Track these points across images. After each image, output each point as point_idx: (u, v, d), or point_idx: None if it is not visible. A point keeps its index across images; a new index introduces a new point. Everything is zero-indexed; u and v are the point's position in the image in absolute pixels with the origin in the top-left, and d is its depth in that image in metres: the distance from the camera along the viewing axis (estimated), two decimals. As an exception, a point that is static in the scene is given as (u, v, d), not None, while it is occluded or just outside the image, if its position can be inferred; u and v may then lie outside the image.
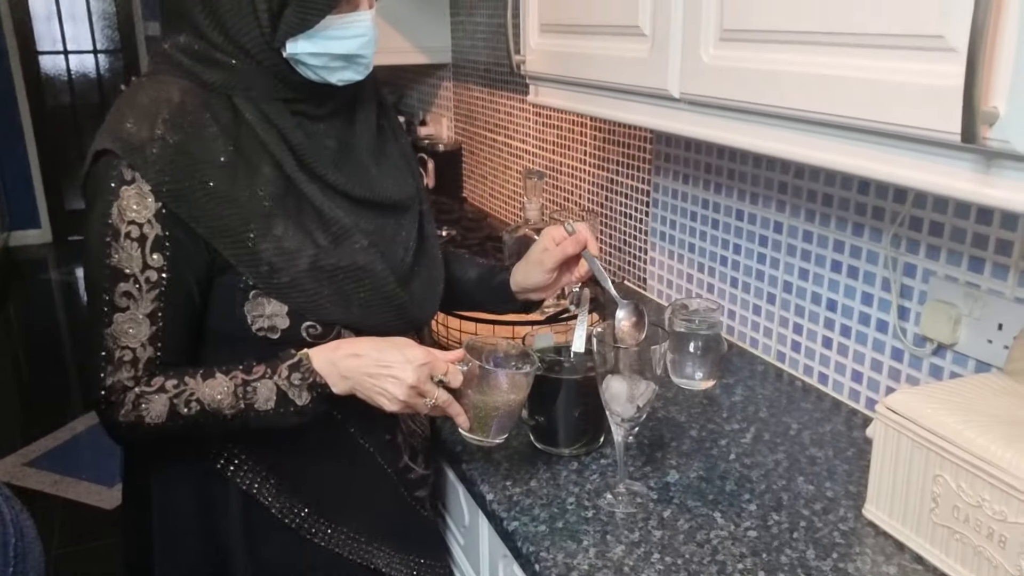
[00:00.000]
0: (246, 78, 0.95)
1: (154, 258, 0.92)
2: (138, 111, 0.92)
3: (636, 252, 1.81)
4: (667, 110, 1.11)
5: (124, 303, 0.92)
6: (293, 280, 0.95)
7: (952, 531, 0.87)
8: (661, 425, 1.23)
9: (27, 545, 0.59)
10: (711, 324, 1.32)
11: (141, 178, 0.90)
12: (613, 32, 1.19)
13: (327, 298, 0.97)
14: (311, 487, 1.06)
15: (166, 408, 0.93)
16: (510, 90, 2.24)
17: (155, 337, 0.94)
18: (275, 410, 0.94)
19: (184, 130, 0.91)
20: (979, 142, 0.67)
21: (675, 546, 0.95)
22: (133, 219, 0.91)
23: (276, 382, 0.93)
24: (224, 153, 0.93)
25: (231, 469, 1.02)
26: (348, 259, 0.98)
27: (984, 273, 1.06)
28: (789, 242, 1.37)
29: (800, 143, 0.89)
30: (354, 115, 1.05)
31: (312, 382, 0.93)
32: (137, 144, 0.90)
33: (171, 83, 0.95)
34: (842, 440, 1.19)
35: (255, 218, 0.93)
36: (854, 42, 0.80)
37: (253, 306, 0.96)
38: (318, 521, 1.06)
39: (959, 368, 1.12)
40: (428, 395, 0.94)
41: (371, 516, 1.10)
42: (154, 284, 0.92)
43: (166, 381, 0.94)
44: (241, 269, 0.94)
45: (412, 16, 2.45)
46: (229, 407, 0.94)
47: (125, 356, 0.93)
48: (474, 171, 2.60)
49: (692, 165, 1.58)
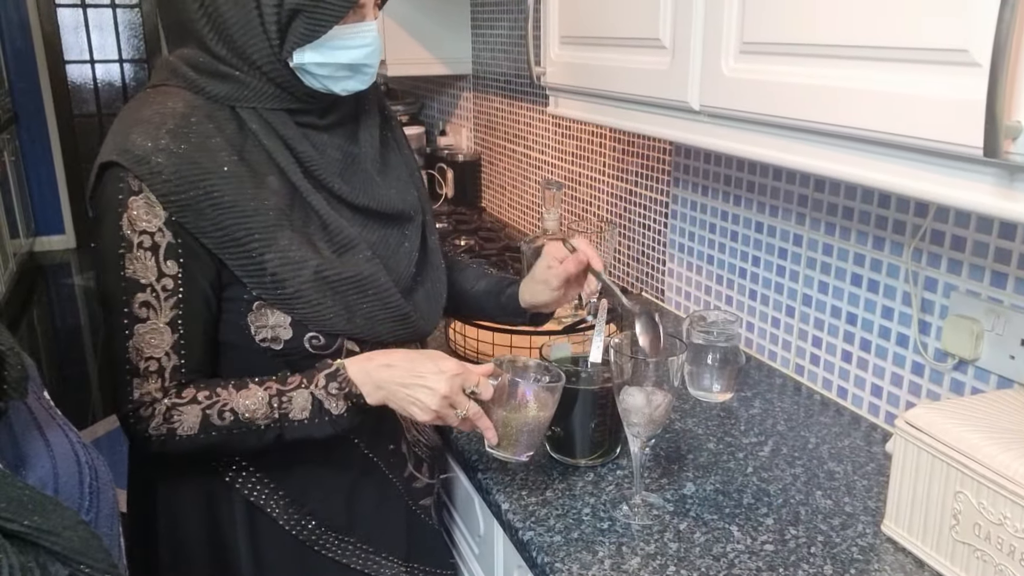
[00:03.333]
0: (251, 90, 0.95)
1: (168, 265, 0.92)
2: (143, 123, 0.92)
3: (654, 263, 1.80)
4: (687, 122, 1.11)
5: (144, 313, 0.92)
6: (297, 291, 0.94)
7: (973, 548, 0.86)
8: (678, 437, 1.23)
9: (102, 485, 0.64)
10: (729, 336, 1.32)
11: (148, 188, 0.89)
12: (633, 44, 1.19)
13: (330, 309, 0.96)
14: (318, 499, 1.05)
15: (199, 419, 0.93)
16: (530, 101, 2.25)
17: (177, 345, 0.94)
18: (310, 420, 0.94)
19: (189, 140, 0.91)
20: (1001, 156, 0.66)
21: (691, 559, 0.95)
22: (144, 228, 0.90)
23: (312, 391, 0.94)
24: (229, 163, 0.93)
25: (239, 481, 1.02)
26: (352, 270, 0.98)
27: (1007, 288, 1.05)
28: (809, 255, 1.37)
29: (821, 156, 0.89)
30: (358, 127, 1.06)
31: (348, 391, 0.94)
32: (142, 155, 0.89)
33: (175, 95, 0.95)
34: (861, 455, 1.18)
35: (260, 228, 0.93)
36: (876, 55, 0.79)
37: (257, 317, 0.95)
38: (325, 533, 1.06)
39: (981, 384, 1.11)
40: (460, 406, 0.95)
41: (378, 526, 1.10)
42: (171, 292, 0.92)
43: (198, 392, 0.94)
44: (245, 280, 0.94)
45: (433, 28, 2.47)
46: (264, 417, 0.94)
47: (151, 367, 0.93)
48: (493, 181, 2.61)
49: (711, 177, 1.58)
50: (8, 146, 5.13)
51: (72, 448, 0.65)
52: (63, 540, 0.53)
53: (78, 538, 0.54)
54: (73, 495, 0.62)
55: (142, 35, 5.92)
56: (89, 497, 0.63)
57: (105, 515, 0.65)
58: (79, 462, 0.64)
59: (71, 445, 0.65)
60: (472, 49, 2.54)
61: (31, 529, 0.52)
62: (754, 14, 0.95)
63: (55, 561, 0.53)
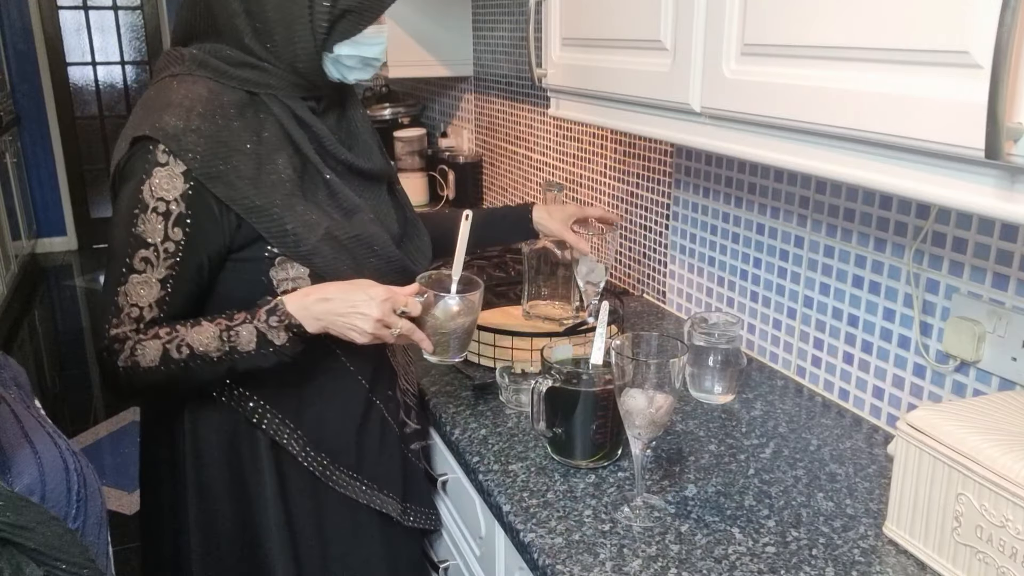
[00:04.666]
0: (276, 78, 1.09)
1: (175, 231, 1.04)
2: (175, 106, 1.04)
3: (656, 265, 1.80)
4: (688, 124, 1.11)
5: (142, 267, 1.04)
6: (314, 247, 1.09)
7: (975, 551, 0.86)
8: (679, 439, 1.23)
9: (90, 493, 0.64)
10: (731, 338, 1.32)
11: (177, 161, 1.02)
12: (635, 46, 1.19)
13: (343, 263, 1.11)
14: (331, 438, 1.18)
15: (159, 352, 1.04)
16: (531, 103, 2.25)
17: (162, 301, 1.06)
18: (256, 351, 1.05)
19: (216, 122, 1.05)
20: (1003, 158, 0.66)
21: (692, 561, 0.95)
22: (162, 196, 1.03)
23: (256, 325, 1.05)
24: (250, 142, 1.07)
25: (264, 422, 1.14)
26: (358, 229, 1.13)
27: (1008, 290, 1.05)
28: (810, 256, 1.37)
29: (822, 158, 0.89)
30: (344, 109, 1.21)
31: (288, 323, 1.04)
32: (174, 132, 1.02)
33: (200, 83, 1.07)
34: (863, 457, 1.17)
35: (280, 197, 1.07)
36: (878, 57, 0.79)
37: (279, 271, 1.09)
38: (337, 469, 1.19)
39: (982, 386, 1.11)
40: (393, 326, 1.07)
41: (380, 466, 1.24)
42: (171, 254, 1.05)
43: (160, 330, 1.06)
44: (271, 240, 1.07)
45: (435, 30, 2.47)
46: (216, 350, 1.05)
47: (132, 312, 1.05)
48: (494, 183, 2.61)
49: (713, 179, 1.58)
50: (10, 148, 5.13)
51: (60, 456, 0.65)
52: (37, 536, 0.53)
53: (52, 534, 0.54)
54: (60, 502, 0.62)
55: (144, 37, 5.93)
56: (76, 505, 0.63)
57: (93, 523, 0.65)
58: (67, 470, 0.64)
59: (59, 453, 0.65)
60: (473, 51, 2.55)
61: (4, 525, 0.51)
62: (755, 16, 0.95)
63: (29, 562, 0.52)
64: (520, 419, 1.28)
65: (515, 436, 1.23)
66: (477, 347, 1.44)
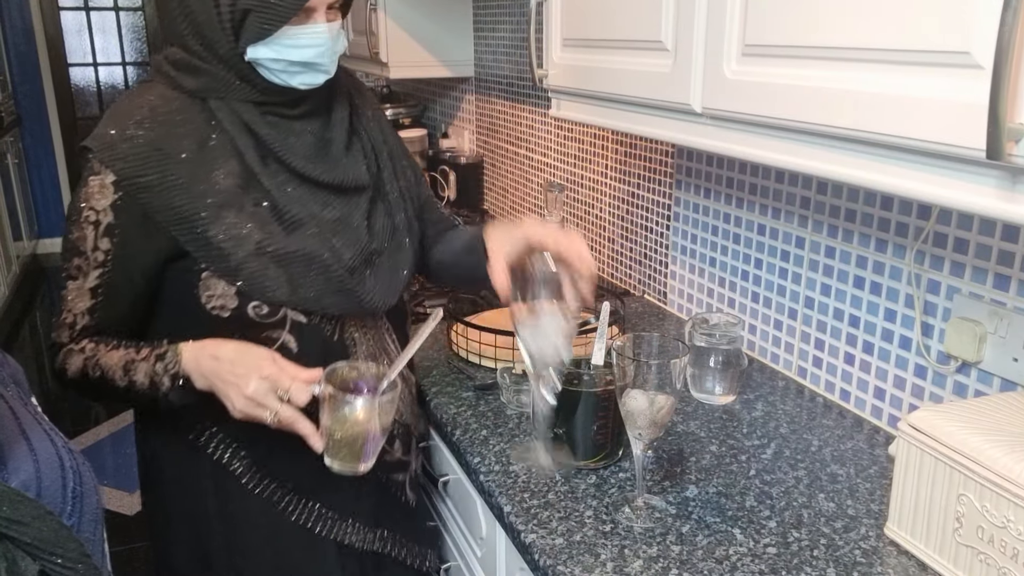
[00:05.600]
0: (220, 82, 1.04)
1: (103, 241, 1.03)
2: (118, 115, 1.05)
3: (656, 266, 1.80)
4: (689, 124, 1.11)
5: (76, 274, 1.05)
6: (240, 263, 1.03)
7: (976, 552, 0.86)
8: (680, 440, 1.23)
9: (85, 490, 0.64)
10: (732, 339, 1.32)
11: (107, 170, 1.01)
12: (635, 47, 1.19)
13: (273, 280, 1.04)
14: (282, 463, 1.11)
15: (79, 368, 1.06)
16: (532, 103, 2.25)
17: (93, 308, 1.06)
18: (149, 391, 1.03)
19: (154, 129, 1.03)
20: (1004, 158, 0.66)
21: (694, 562, 0.95)
22: (93, 206, 1.02)
23: (148, 367, 1.03)
24: (187, 150, 1.03)
25: (203, 439, 1.10)
26: (296, 245, 1.05)
27: (1010, 291, 1.05)
28: (811, 257, 1.37)
29: (823, 158, 0.89)
30: (330, 115, 1.14)
31: (175, 373, 1.01)
32: (109, 142, 1.02)
33: (153, 89, 1.07)
34: (864, 458, 1.17)
35: (207, 207, 1.02)
36: (879, 58, 0.79)
37: (206, 286, 1.04)
38: (290, 494, 1.13)
39: (984, 387, 1.10)
40: (268, 407, 0.97)
41: (344, 495, 1.15)
42: (100, 264, 1.04)
43: (87, 343, 1.07)
44: (193, 252, 1.03)
45: (436, 30, 2.47)
46: (119, 379, 1.04)
47: (67, 319, 1.07)
48: (495, 183, 2.61)
49: (714, 179, 1.58)
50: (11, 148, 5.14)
51: (56, 452, 0.65)
52: (32, 530, 0.53)
53: (48, 528, 0.54)
54: (56, 499, 0.62)
55: (145, 38, 5.93)
56: (72, 501, 0.63)
57: (88, 519, 0.65)
58: (63, 466, 0.64)
59: (56, 450, 0.65)
60: (474, 52, 2.55)
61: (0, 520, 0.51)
62: (756, 16, 0.95)
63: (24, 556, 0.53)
64: (521, 420, 1.28)
65: (516, 437, 1.23)
66: (478, 347, 1.43)
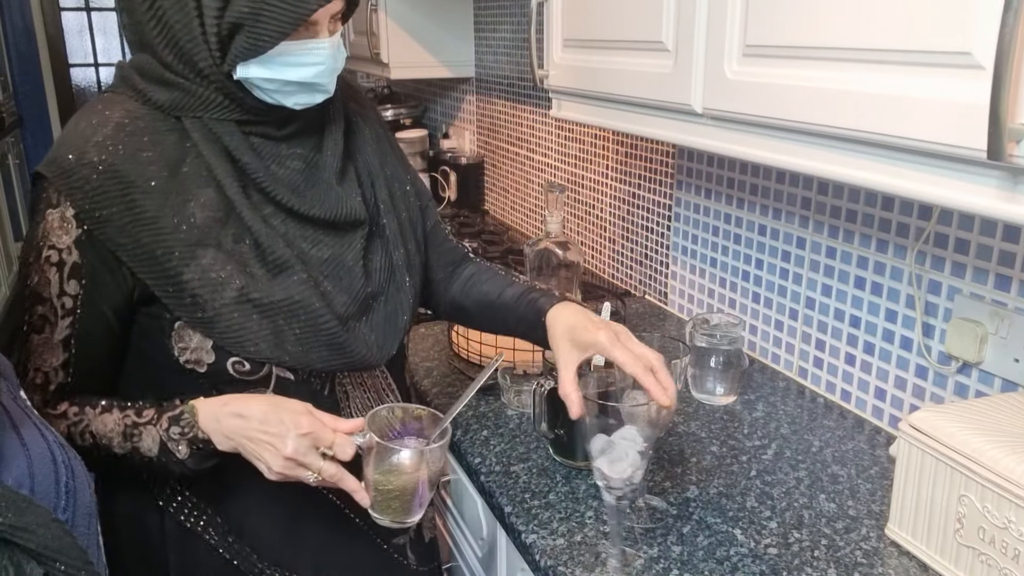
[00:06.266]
0: (197, 98, 0.90)
1: (70, 284, 0.89)
2: (76, 134, 0.89)
3: (657, 266, 1.80)
4: (690, 125, 1.11)
5: (40, 324, 0.90)
6: (217, 313, 0.89)
7: (978, 552, 0.86)
8: (681, 440, 1.23)
9: (78, 485, 0.64)
10: (732, 339, 1.32)
11: (66, 202, 0.87)
12: (636, 47, 1.19)
13: (255, 334, 0.90)
14: (260, 530, 0.99)
15: (65, 435, 0.90)
16: (533, 104, 2.25)
17: (67, 363, 0.91)
18: (158, 458, 0.89)
19: (117, 153, 0.88)
20: (1005, 159, 0.66)
21: (694, 563, 0.95)
22: (54, 244, 0.88)
23: (159, 431, 0.89)
24: (157, 178, 0.88)
25: (173, 505, 0.97)
26: (282, 293, 0.91)
27: (1011, 291, 1.05)
28: (812, 258, 1.37)
29: (824, 159, 0.89)
30: (323, 135, 0.99)
31: (193, 436, 0.88)
32: (67, 168, 0.87)
33: (118, 103, 0.92)
34: (865, 458, 1.17)
35: (180, 246, 0.88)
36: (880, 58, 0.79)
37: (179, 338, 0.90)
38: (268, 566, 0.99)
39: (985, 387, 1.10)
40: (310, 468, 0.86)
41: (334, 564, 1.03)
42: (69, 311, 0.89)
43: (69, 408, 0.91)
44: (163, 299, 0.89)
45: (436, 31, 2.47)
46: (118, 446, 0.90)
47: (37, 379, 0.91)
48: (496, 184, 2.61)
49: (715, 180, 1.58)
50: (12, 149, 5.14)
51: (48, 447, 0.65)
52: (37, 537, 0.53)
53: (52, 536, 0.54)
54: (49, 494, 0.62)
55: (146, 38, 5.94)
56: (65, 496, 0.63)
57: (82, 514, 0.65)
58: (55, 461, 0.64)
59: (47, 444, 0.65)
60: (475, 52, 2.55)
61: (4, 527, 0.51)
62: (757, 17, 0.95)
63: (30, 560, 0.53)
64: (522, 420, 1.28)
65: (517, 437, 1.23)
66: (479, 348, 1.43)
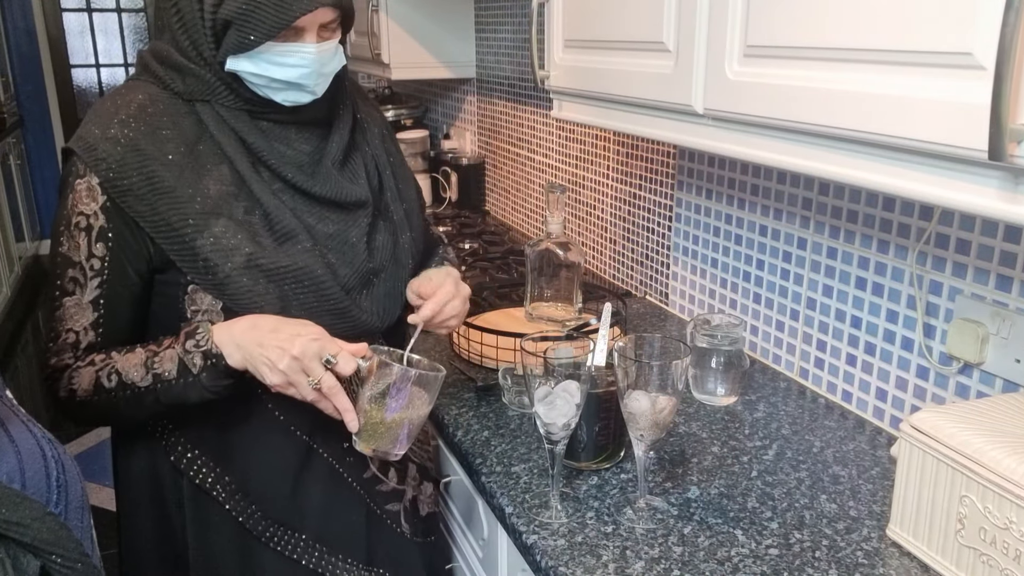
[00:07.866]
0: (206, 85, 0.99)
1: (98, 247, 0.97)
2: (102, 114, 0.99)
3: (658, 267, 1.80)
4: (691, 125, 1.11)
5: (72, 288, 0.98)
6: (228, 276, 0.97)
7: (979, 553, 0.86)
8: (682, 441, 1.22)
9: (69, 479, 0.64)
10: (733, 340, 1.32)
11: (91, 172, 0.96)
12: (637, 48, 1.19)
13: (262, 297, 0.98)
14: (262, 487, 1.06)
15: (92, 381, 0.97)
16: (534, 105, 2.25)
17: (96, 323, 0.99)
18: (177, 379, 0.95)
19: (139, 129, 0.97)
20: (1006, 159, 0.66)
21: (695, 563, 0.95)
22: (82, 210, 0.97)
23: (176, 351, 0.96)
24: (175, 153, 0.98)
25: (183, 462, 1.05)
26: (287, 259, 0.99)
27: (1012, 292, 1.05)
28: (813, 258, 1.37)
29: (825, 159, 0.89)
30: (331, 128, 1.09)
31: (207, 350, 0.94)
32: (92, 142, 0.97)
33: (139, 88, 1.02)
34: (866, 459, 1.17)
35: (195, 214, 0.97)
36: (881, 59, 0.79)
37: (192, 300, 0.99)
38: (272, 524, 1.06)
39: (986, 388, 1.10)
40: (312, 373, 0.92)
41: (331, 525, 1.08)
42: (97, 272, 0.98)
43: (96, 356, 0.99)
44: (179, 263, 0.98)
45: (438, 31, 2.47)
46: (141, 378, 0.96)
47: (69, 338, 0.99)
48: (497, 184, 2.61)
49: (715, 180, 1.58)
50: (14, 150, 5.14)
51: (37, 443, 0.65)
52: (32, 531, 0.53)
53: (47, 529, 0.55)
54: (40, 489, 0.62)
55: (147, 39, 5.94)
56: (57, 491, 0.64)
57: (74, 508, 0.65)
58: (44, 456, 0.64)
59: (36, 440, 0.65)
60: (476, 53, 2.55)
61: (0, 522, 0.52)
62: (758, 17, 0.95)
63: (26, 552, 0.53)
64: (523, 421, 1.28)
65: (518, 438, 1.23)
66: (480, 349, 1.43)
